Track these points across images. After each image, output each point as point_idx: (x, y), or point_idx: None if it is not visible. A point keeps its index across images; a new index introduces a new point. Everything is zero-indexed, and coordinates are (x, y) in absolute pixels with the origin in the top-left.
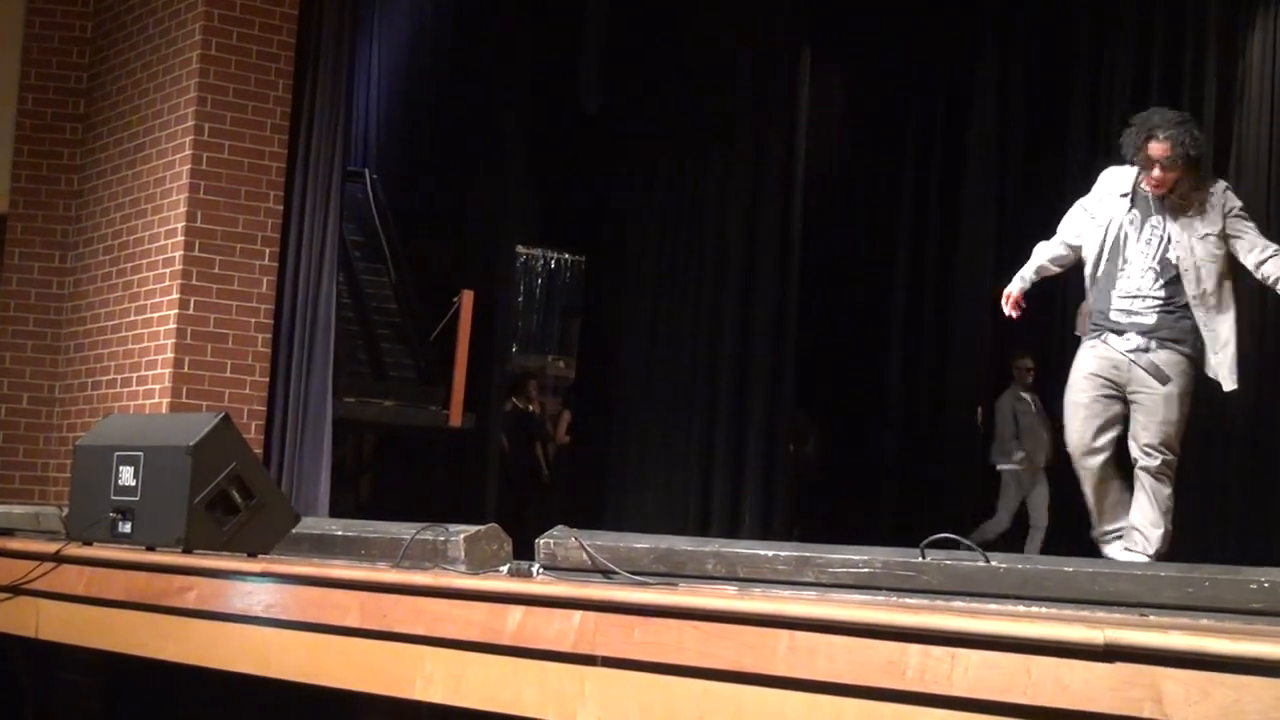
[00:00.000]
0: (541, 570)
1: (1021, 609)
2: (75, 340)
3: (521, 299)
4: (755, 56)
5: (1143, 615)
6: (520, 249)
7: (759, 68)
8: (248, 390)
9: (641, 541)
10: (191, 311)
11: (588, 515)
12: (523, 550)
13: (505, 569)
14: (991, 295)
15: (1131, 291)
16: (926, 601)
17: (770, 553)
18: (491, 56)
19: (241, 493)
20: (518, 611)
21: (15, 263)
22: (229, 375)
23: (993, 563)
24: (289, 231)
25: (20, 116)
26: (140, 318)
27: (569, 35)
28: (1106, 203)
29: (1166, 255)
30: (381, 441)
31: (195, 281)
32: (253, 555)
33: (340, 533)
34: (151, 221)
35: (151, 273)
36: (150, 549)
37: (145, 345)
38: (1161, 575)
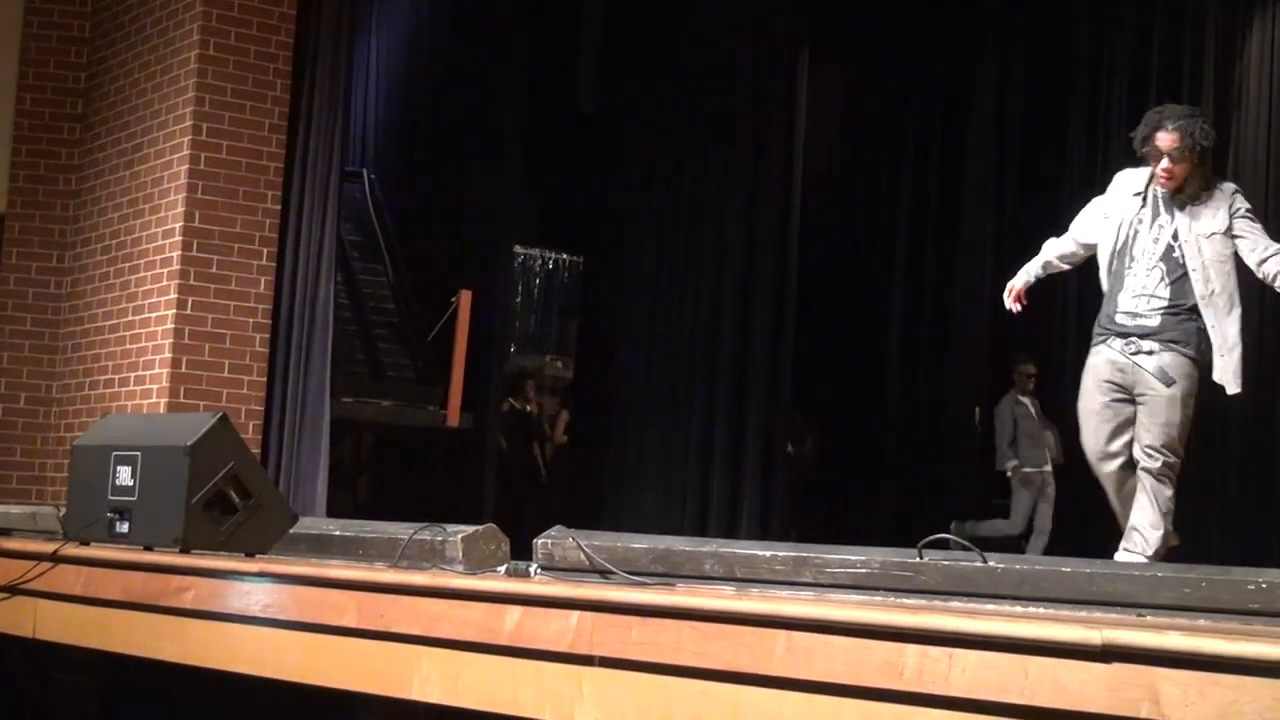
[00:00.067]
0: (539, 570)
1: (1019, 609)
2: (73, 340)
3: (519, 299)
4: (754, 56)
5: (1140, 616)
6: (518, 249)
7: (758, 68)
8: (245, 390)
9: (639, 542)
10: (189, 311)
11: (586, 515)
12: (520, 550)
13: (503, 569)
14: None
15: (1137, 290)
16: (924, 602)
17: (768, 553)
18: (489, 56)
19: (239, 493)
20: (515, 611)
21: (13, 262)
22: (227, 375)
23: (990, 563)
24: (287, 231)
25: (18, 116)
26: (138, 318)
27: (567, 35)
28: (1120, 202)
29: (1173, 254)
30: (379, 441)
31: (193, 281)
32: (250, 555)
33: (338, 533)
34: (149, 221)
35: (149, 273)
36: (148, 549)
37: (143, 345)
38: (1159, 576)
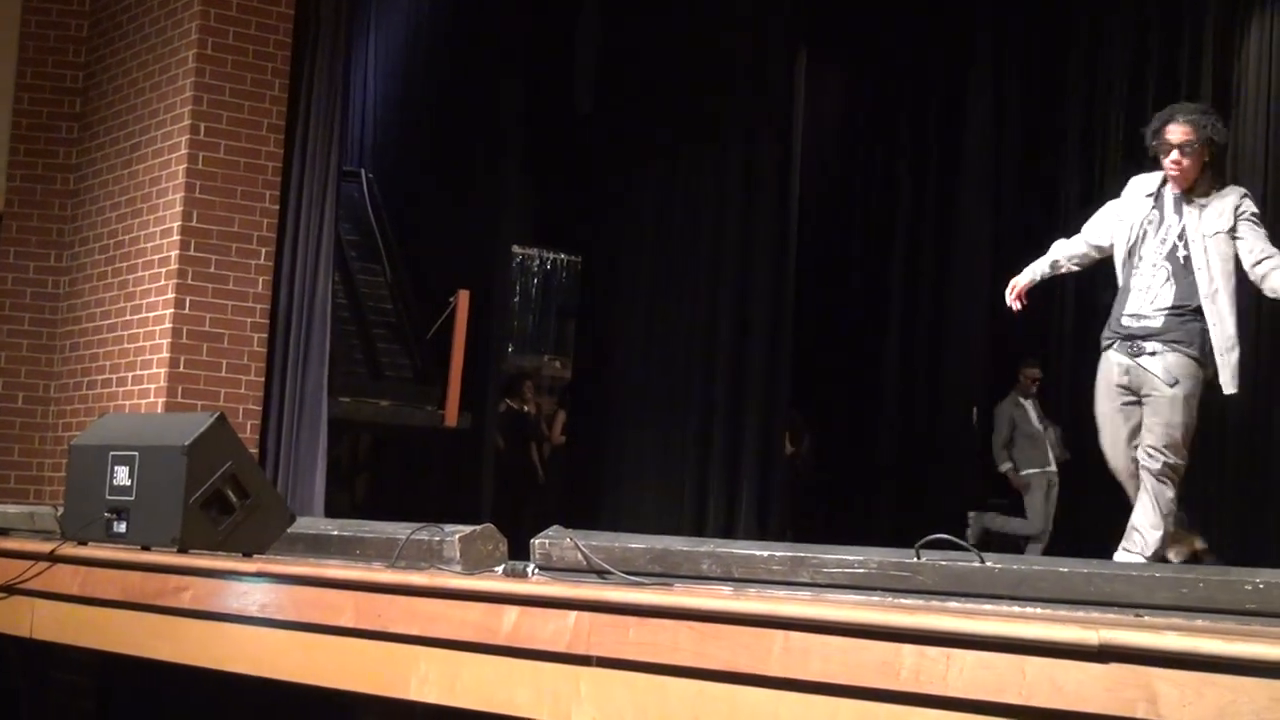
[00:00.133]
0: (537, 570)
1: (1016, 609)
2: (71, 339)
3: (517, 299)
4: (752, 57)
5: (1137, 616)
6: (516, 249)
7: (756, 68)
8: (243, 390)
9: (637, 542)
10: (187, 311)
11: (583, 515)
12: (518, 550)
13: (500, 569)
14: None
15: (1142, 289)
16: (921, 602)
17: (765, 553)
18: (488, 56)
19: (237, 492)
20: (513, 612)
21: (11, 262)
22: (224, 375)
23: (988, 563)
24: (285, 231)
25: (16, 115)
26: (136, 317)
27: (565, 36)
28: (1132, 204)
29: (1178, 254)
30: (377, 441)
31: (191, 281)
32: (248, 555)
33: (335, 533)
34: (147, 221)
35: (147, 272)
36: (145, 549)
37: (141, 344)
38: (1156, 576)
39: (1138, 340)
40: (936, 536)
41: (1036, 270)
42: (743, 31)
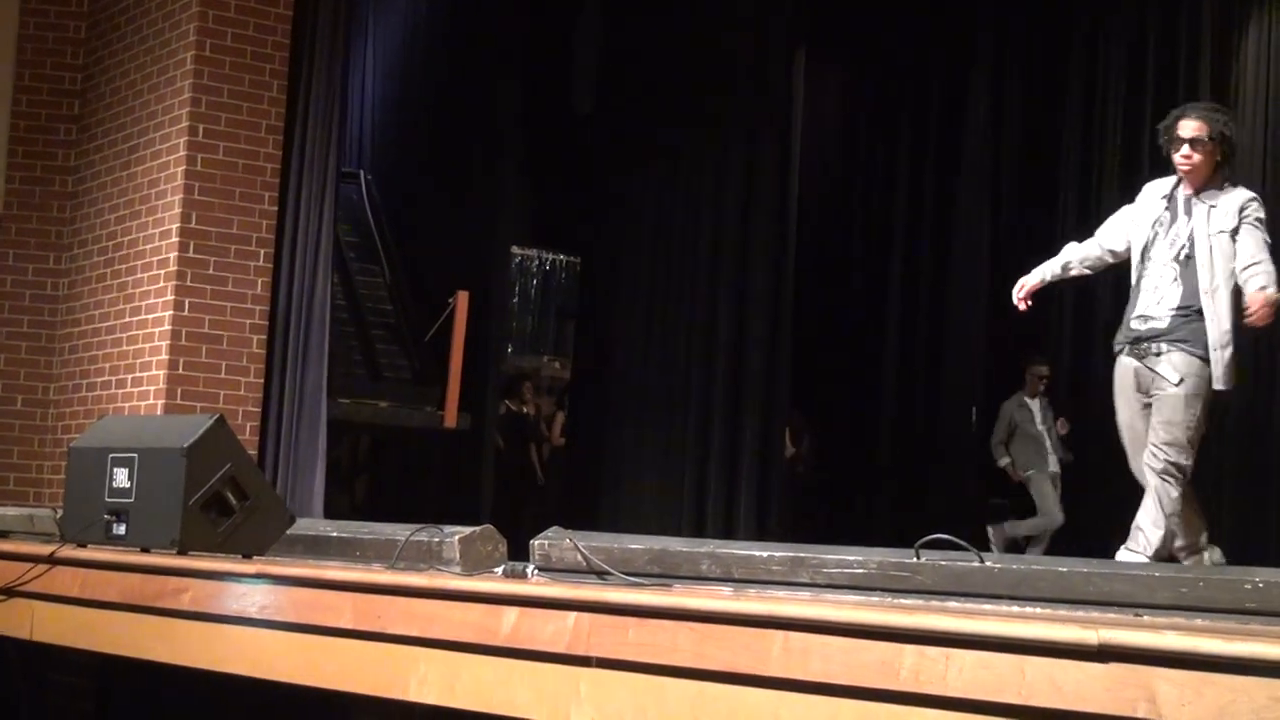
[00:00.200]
0: (536, 571)
1: (1016, 609)
2: (70, 342)
3: (516, 300)
4: (751, 57)
5: (1137, 615)
6: (515, 250)
7: (755, 68)
8: (242, 391)
9: (636, 542)
10: (186, 313)
11: (583, 516)
12: (518, 551)
13: (500, 570)
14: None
15: (1151, 290)
16: (921, 602)
17: (765, 553)
18: (487, 57)
19: (236, 494)
20: (512, 613)
21: (9, 264)
22: (224, 376)
23: (987, 563)
24: (284, 233)
25: (14, 118)
26: (135, 319)
27: (564, 36)
28: (1146, 207)
29: (1185, 254)
30: (376, 442)
31: (190, 283)
32: (247, 557)
33: (335, 534)
34: (146, 223)
35: (146, 274)
36: (145, 551)
37: (140, 347)
38: (1156, 575)
39: (1145, 342)
40: (936, 536)
41: (1046, 271)
42: (742, 31)
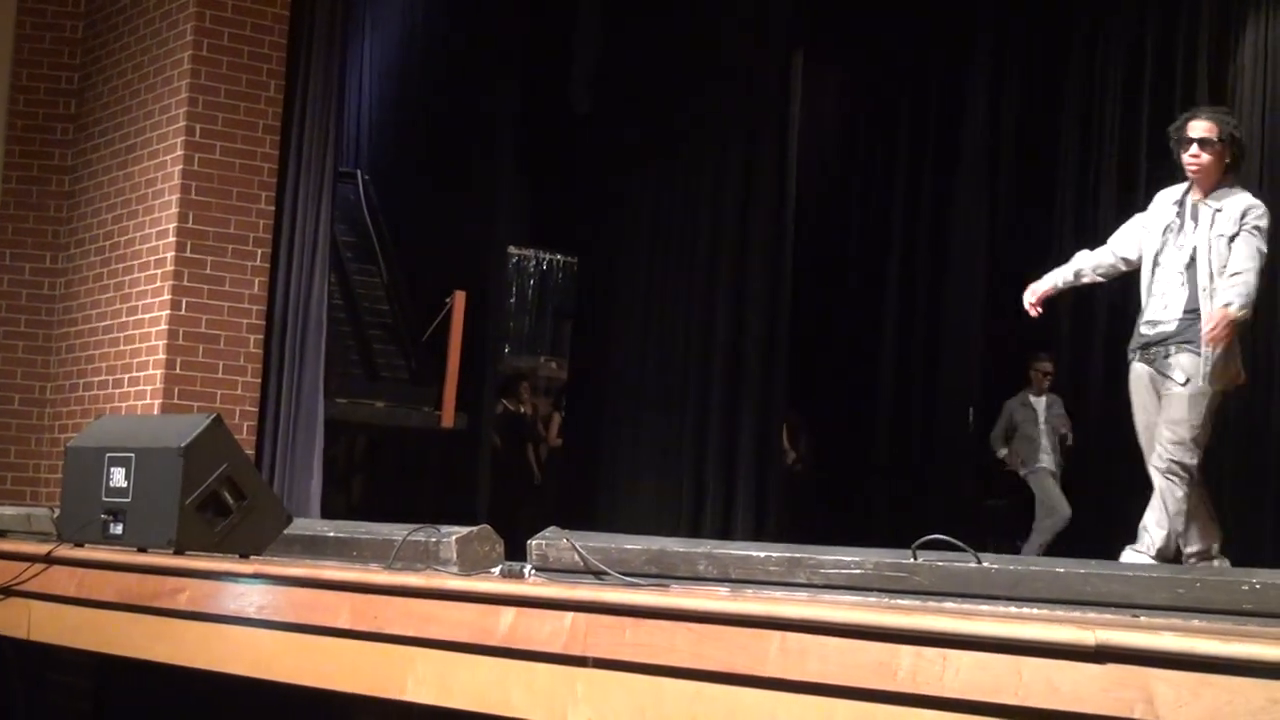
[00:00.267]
0: (533, 571)
1: (1013, 610)
2: (67, 341)
3: (514, 300)
4: (748, 59)
5: (1134, 616)
6: (512, 250)
7: (752, 70)
8: (239, 391)
9: (633, 543)
10: (183, 312)
11: (580, 516)
12: (515, 551)
13: (497, 570)
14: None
15: (1160, 294)
16: (918, 602)
17: (762, 554)
18: (484, 57)
19: (233, 494)
20: (509, 613)
21: (7, 264)
22: (221, 376)
23: (984, 564)
24: (281, 232)
25: (11, 117)
26: (132, 319)
27: (562, 36)
28: (1158, 214)
29: (1190, 258)
30: (373, 442)
31: (187, 282)
32: (244, 556)
33: (332, 534)
34: (143, 222)
35: (143, 273)
36: (142, 550)
37: (137, 346)
38: (1153, 576)
39: (1155, 346)
40: (933, 537)
41: (1058, 277)
42: (741, 32)
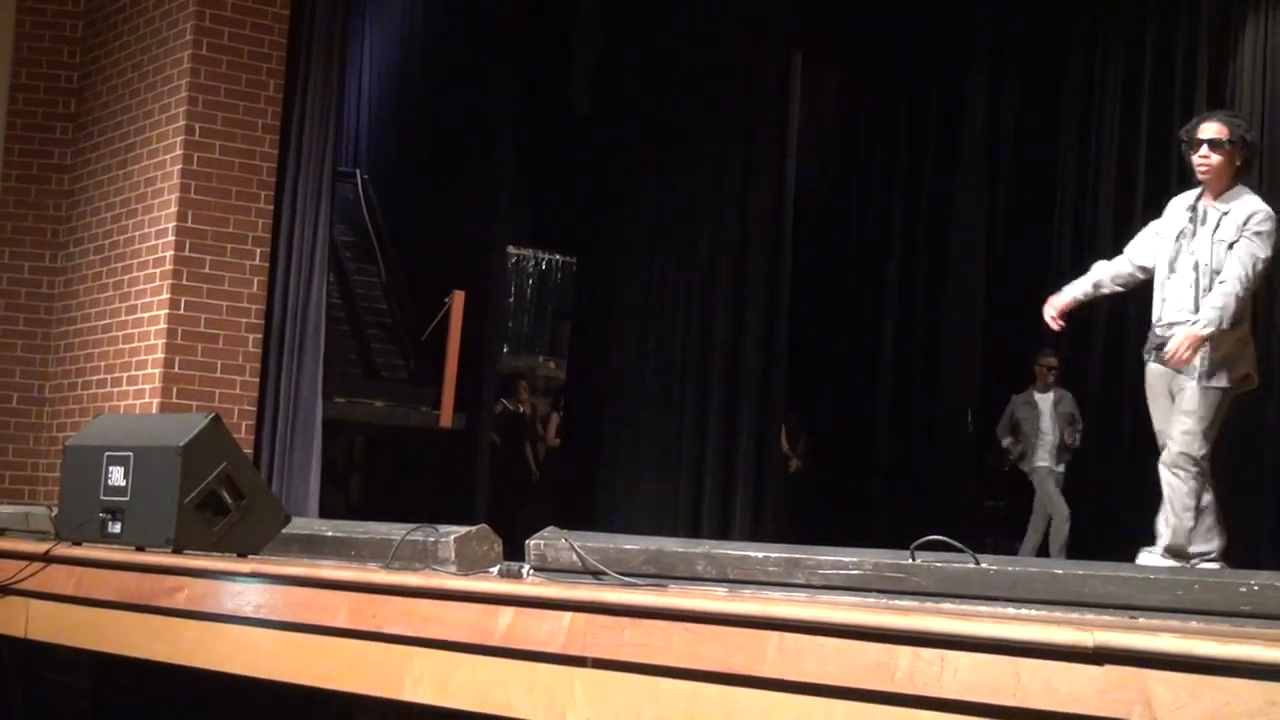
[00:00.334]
0: (532, 571)
1: (1011, 611)
2: (66, 340)
3: (512, 300)
4: (747, 58)
5: (1132, 618)
6: (511, 250)
7: (751, 70)
8: (238, 390)
9: (632, 543)
10: (182, 311)
11: (578, 516)
12: (513, 551)
13: (495, 570)
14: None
15: (1173, 298)
16: (916, 603)
17: (760, 554)
18: (483, 57)
19: (232, 493)
20: (508, 612)
21: (6, 262)
22: (219, 375)
23: (983, 565)
24: (280, 231)
25: (11, 116)
26: (131, 317)
27: (561, 36)
28: (1171, 219)
29: (1201, 261)
30: (372, 442)
31: (186, 281)
32: (243, 556)
33: (330, 533)
34: (142, 221)
35: (142, 272)
36: (140, 549)
37: (135, 345)
38: (1150, 578)
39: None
40: (931, 538)
41: (1077, 289)
42: (740, 32)
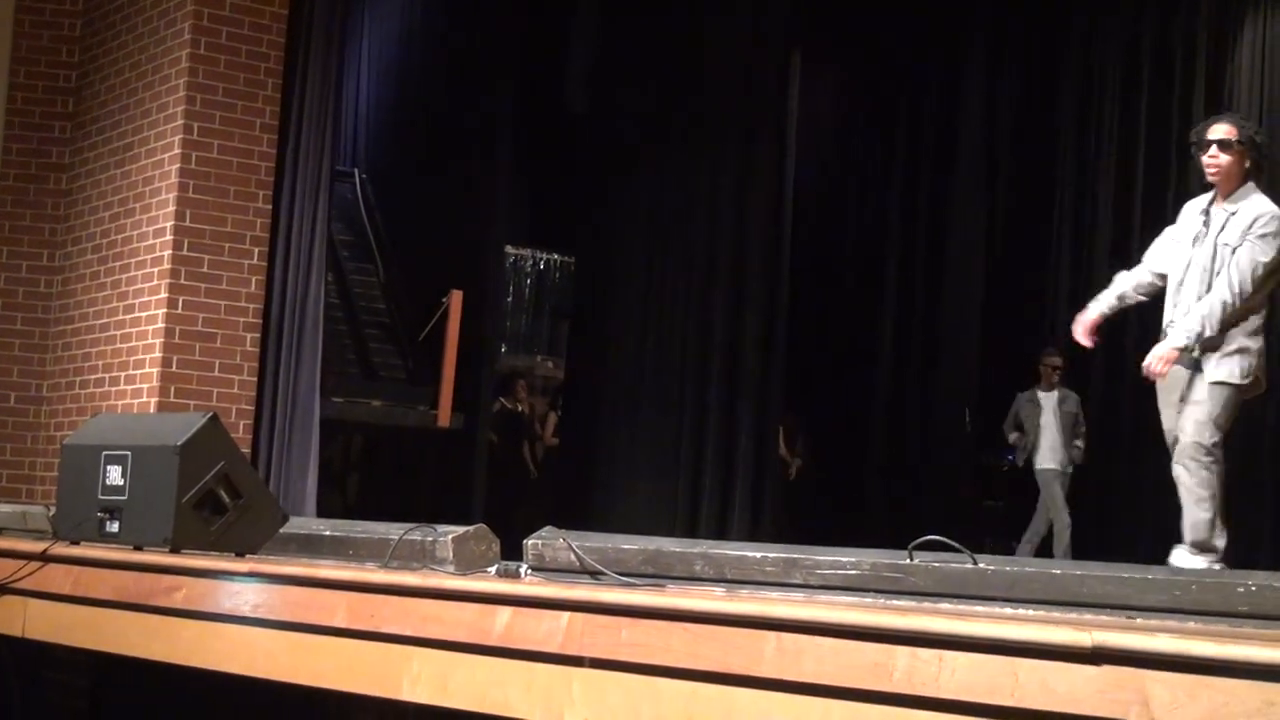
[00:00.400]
0: (529, 571)
1: (1009, 611)
2: (63, 339)
3: (510, 299)
4: (746, 57)
5: (1130, 618)
6: (509, 249)
7: (749, 69)
8: (236, 389)
9: (630, 543)
10: (180, 311)
11: (576, 516)
12: (511, 551)
13: (493, 570)
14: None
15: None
16: (914, 603)
17: (758, 554)
18: (481, 57)
19: (229, 492)
20: (506, 612)
21: (3, 261)
22: (217, 374)
23: (980, 565)
24: (278, 231)
25: (9, 115)
26: (129, 316)
27: (559, 36)
28: (1185, 224)
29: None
30: (370, 442)
31: (184, 281)
32: (240, 555)
33: (328, 533)
34: (140, 220)
35: (140, 272)
36: (138, 548)
37: (133, 344)
38: (1148, 578)
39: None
40: (929, 538)
41: (1103, 303)
42: (738, 31)
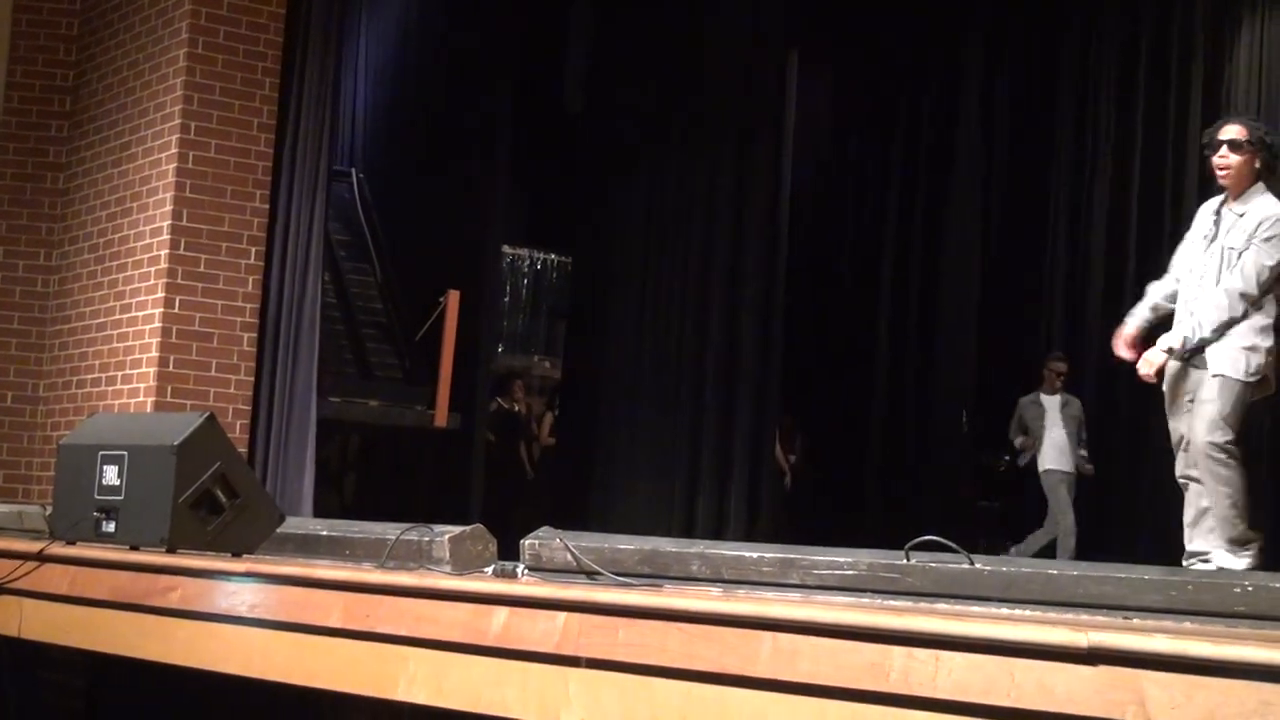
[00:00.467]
0: (526, 571)
1: (1005, 611)
2: (60, 339)
3: (507, 299)
4: (743, 58)
5: (1126, 619)
6: (506, 249)
7: (747, 69)
8: (233, 389)
9: (626, 543)
10: (177, 310)
11: (573, 516)
12: (508, 551)
13: (490, 570)
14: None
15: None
16: (911, 604)
17: (755, 554)
18: (479, 57)
19: (226, 492)
20: (502, 612)
21: (0, 260)
22: (214, 374)
23: (977, 565)
24: (275, 230)
25: (6, 114)
26: (125, 316)
27: (556, 36)
28: (1199, 227)
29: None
30: (367, 441)
31: (181, 280)
32: (237, 555)
33: (325, 533)
34: (137, 220)
35: (137, 271)
36: (134, 548)
37: (130, 344)
38: (1145, 579)
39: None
40: (926, 538)
41: (1139, 316)
42: (735, 32)
